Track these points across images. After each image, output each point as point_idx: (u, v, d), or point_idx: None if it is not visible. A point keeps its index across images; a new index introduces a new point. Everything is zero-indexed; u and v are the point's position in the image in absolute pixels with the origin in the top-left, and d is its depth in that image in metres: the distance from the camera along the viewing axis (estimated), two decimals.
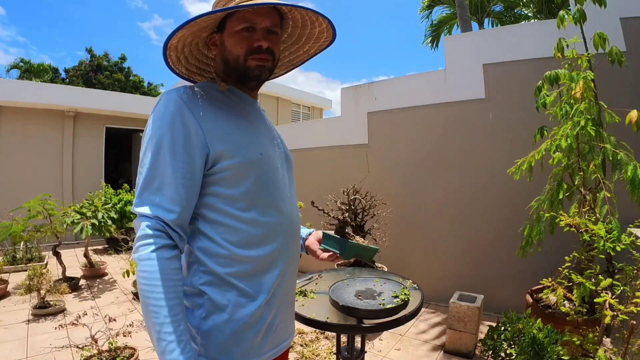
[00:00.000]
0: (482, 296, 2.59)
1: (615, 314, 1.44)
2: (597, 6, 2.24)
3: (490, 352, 1.73)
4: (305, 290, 1.54)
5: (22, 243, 4.73)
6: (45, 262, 4.88)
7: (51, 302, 3.39)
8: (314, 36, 0.95)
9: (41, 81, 14.47)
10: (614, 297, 1.58)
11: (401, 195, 3.76)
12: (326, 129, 4.66)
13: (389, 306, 1.27)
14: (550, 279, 1.79)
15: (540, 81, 2.31)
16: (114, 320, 2.41)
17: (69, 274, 4.16)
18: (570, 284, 1.88)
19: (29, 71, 16.15)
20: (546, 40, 2.82)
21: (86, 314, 2.53)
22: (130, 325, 2.54)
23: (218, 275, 0.77)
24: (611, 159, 2.02)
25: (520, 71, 3.15)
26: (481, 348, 1.83)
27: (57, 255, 4.03)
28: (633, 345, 1.43)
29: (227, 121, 0.82)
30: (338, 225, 1.03)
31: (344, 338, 1.53)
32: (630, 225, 1.84)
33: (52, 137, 6.81)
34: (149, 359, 2.43)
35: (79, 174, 7.04)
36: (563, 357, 1.51)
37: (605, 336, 2.00)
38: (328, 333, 2.82)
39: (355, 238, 1.03)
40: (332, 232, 1.05)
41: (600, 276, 1.80)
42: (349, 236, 1.01)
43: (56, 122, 6.84)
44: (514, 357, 1.61)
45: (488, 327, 1.82)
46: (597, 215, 1.97)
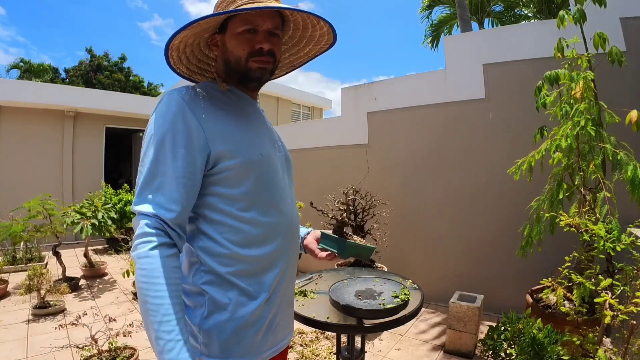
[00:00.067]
0: (482, 296, 2.59)
1: (615, 314, 1.44)
2: (597, 6, 2.24)
3: (490, 352, 1.73)
4: (305, 290, 1.54)
5: (22, 243, 4.73)
6: (45, 262, 4.88)
7: (51, 302, 3.39)
8: (315, 39, 0.95)
9: (41, 81, 14.48)
10: (614, 297, 1.58)
11: (401, 195, 3.76)
12: (326, 129, 4.66)
13: (389, 306, 1.26)
14: (550, 279, 1.79)
15: (540, 81, 2.31)
16: (114, 320, 2.42)
17: (69, 274, 4.16)
18: (570, 284, 1.88)
19: (29, 71, 16.16)
20: (546, 40, 2.83)
21: (86, 314, 2.53)
22: (130, 325, 2.54)
23: (219, 274, 0.78)
24: (611, 159, 2.02)
25: (520, 71, 3.15)
26: (481, 348, 1.83)
27: (57, 255, 4.03)
28: (633, 345, 1.43)
29: (228, 121, 0.82)
30: (336, 225, 1.04)
31: (344, 338, 1.53)
32: (630, 225, 1.84)
33: (52, 137, 6.82)
34: (149, 359, 2.43)
35: (79, 174, 7.04)
36: (563, 357, 1.51)
37: (605, 336, 2.00)
38: (328, 333, 2.82)
39: (353, 237, 1.05)
40: (331, 232, 1.06)
41: (600, 276, 1.80)
42: (347, 236, 1.03)
43: (56, 122, 6.85)
44: (514, 357, 1.61)
45: (488, 327, 1.82)
46: (597, 215, 1.97)
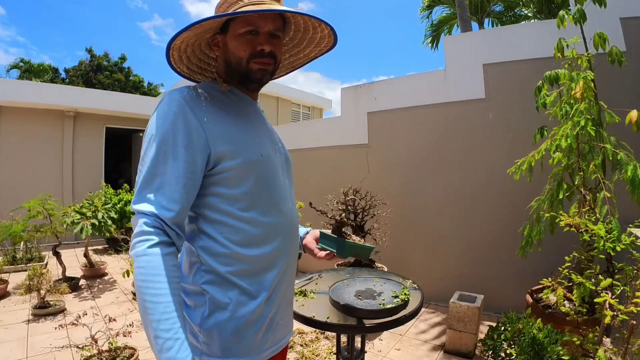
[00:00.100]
0: (482, 296, 2.59)
1: (615, 314, 1.44)
2: (597, 6, 2.24)
3: (490, 352, 1.73)
4: (305, 290, 1.54)
5: (22, 243, 4.73)
6: (45, 262, 4.88)
7: (51, 302, 3.39)
8: (315, 41, 0.96)
9: (41, 81, 14.48)
10: (614, 297, 1.58)
11: (401, 195, 3.76)
12: (326, 129, 4.65)
13: (389, 306, 1.26)
14: (550, 279, 1.79)
15: (540, 81, 2.31)
16: (114, 320, 2.42)
17: (69, 274, 4.16)
18: (570, 284, 1.88)
19: (29, 71, 16.16)
20: (546, 40, 2.83)
21: (86, 314, 2.53)
22: (130, 325, 2.54)
23: (220, 274, 0.78)
24: (611, 159, 2.02)
25: (520, 71, 3.15)
26: (481, 348, 1.83)
27: (57, 255, 4.03)
28: (633, 345, 1.43)
29: (229, 122, 0.82)
30: (335, 225, 1.05)
31: (344, 338, 1.53)
32: (630, 225, 1.84)
33: (52, 137, 6.81)
34: (149, 359, 2.43)
35: (79, 174, 7.04)
36: (563, 357, 1.51)
37: (605, 336, 2.00)
38: (328, 333, 2.82)
39: (352, 237, 1.06)
40: (330, 232, 1.06)
41: (600, 276, 1.80)
42: (346, 235, 1.04)
43: (56, 122, 6.85)
44: (514, 357, 1.61)
45: (488, 327, 1.82)
46: (597, 215, 1.97)
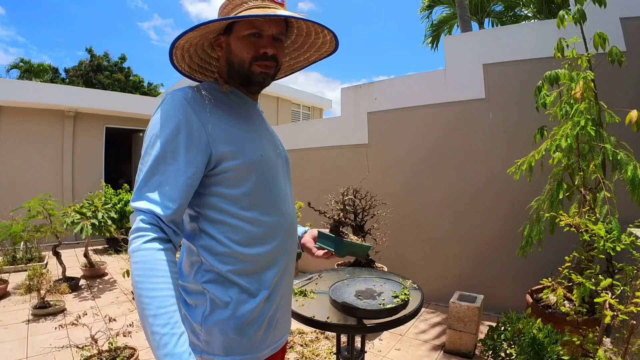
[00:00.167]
0: (482, 296, 2.59)
1: (615, 314, 1.44)
2: (597, 6, 2.24)
3: (490, 352, 1.73)
4: (305, 290, 1.54)
5: (22, 243, 4.73)
6: (45, 262, 4.88)
7: (51, 302, 3.39)
8: (317, 45, 0.96)
9: (41, 81, 14.47)
10: (614, 297, 1.58)
11: (401, 195, 3.76)
12: (326, 129, 4.66)
13: (389, 306, 1.26)
14: (550, 279, 1.79)
15: (540, 81, 2.31)
16: (114, 320, 2.42)
17: (69, 274, 4.16)
18: (570, 284, 1.88)
19: (29, 71, 16.16)
20: (546, 40, 2.83)
21: (86, 314, 2.52)
22: (130, 325, 2.54)
23: (220, 272, 0.79)
24: (611, 159, 2.02)
25: (520, 71, 3.15)
26: (481, 348, 1.83)
27: (57, 255, 4.03)
28: (633, 345, 1.43)
29: (230, 122, 0.83)
30: (333, 224, 1.06)
31: (344, 338, 1.53)
32: (630, 225, 1.83)
33: (52, 137, 6.82)
34: (149, 359, 2.43)
35: (79, 174, 7.05)
36: (563, 357, 1.51)
37: (605, 336, 2.00)
38: (328, 333, 2.82)
39: (350, 236, 1.07)
40: (328, 231, 1.07)
41: (600, 276, 1.80)
42: (343, 235, 1.05)
43: (56, 122, 6.85)
44: (514, 357, 1.61)
45: (488, 327, 1.82)
46: (597, 215, 1.97)
